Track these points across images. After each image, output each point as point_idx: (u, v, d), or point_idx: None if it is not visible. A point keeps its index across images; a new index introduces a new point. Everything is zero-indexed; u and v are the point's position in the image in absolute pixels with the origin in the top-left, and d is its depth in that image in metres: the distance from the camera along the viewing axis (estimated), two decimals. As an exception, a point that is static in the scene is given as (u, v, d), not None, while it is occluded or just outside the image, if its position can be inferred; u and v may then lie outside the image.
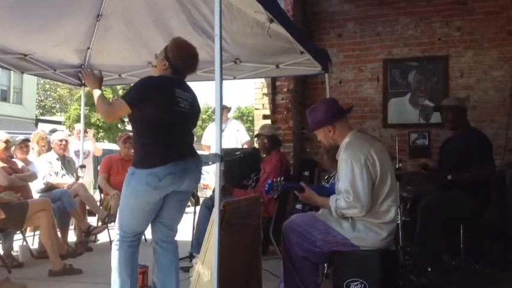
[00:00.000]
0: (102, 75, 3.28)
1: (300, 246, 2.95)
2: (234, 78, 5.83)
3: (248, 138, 6.98)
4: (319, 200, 3.04)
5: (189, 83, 3.22)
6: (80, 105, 18.95)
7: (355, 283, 2.82)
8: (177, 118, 2.97)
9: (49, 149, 6.53)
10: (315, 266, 3.09)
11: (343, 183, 2.84)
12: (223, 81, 2.71)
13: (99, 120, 24.96)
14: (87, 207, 5.73)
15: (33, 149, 6.24)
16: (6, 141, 4.98)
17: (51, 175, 5.58)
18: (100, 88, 3.16)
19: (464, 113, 4.35)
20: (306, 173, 5.57)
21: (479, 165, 4.05)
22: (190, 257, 4.57)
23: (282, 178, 3.12)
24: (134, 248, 3.04)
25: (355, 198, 2.79)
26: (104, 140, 23.64)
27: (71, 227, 5.88)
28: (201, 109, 3.32)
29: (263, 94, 6.52)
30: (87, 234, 5.55)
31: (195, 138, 3.36)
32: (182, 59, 3.08)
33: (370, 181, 2.82)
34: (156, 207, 3.01)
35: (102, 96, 3.10)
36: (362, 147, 2.90)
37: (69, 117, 25.36)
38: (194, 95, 3.14)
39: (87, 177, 6.92)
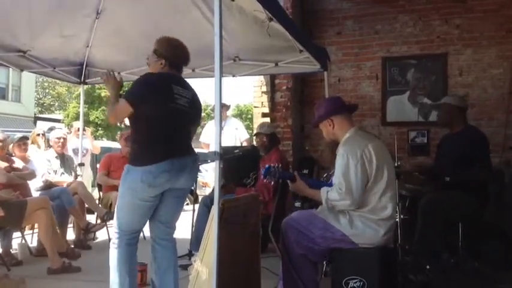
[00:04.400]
0: (122, 81, 3.17)
1: (298, 244, 2.96)
2: (234, 76, 5.84)
3: (247, 136, 6.98)
4: (310, 191, 3.06)
5: (187, 80, 3.22)
6: (78, 103, 18.92)
7: (354, 281, 2.83)
8: (174, 115, 2.96)
9: (49, 146, 6.55)
10: (314, 264, 3.09)
11: (337, 175, 2.88)
12: (222, 79, 2.70)
13: (97, 118, 24.97)
14: (86, 205, 5.73)
15: (39, 146, 6.28)
16: (2, 140, 4.96)
17: (50, 173, 5.58)
18: (117, 93, 3.07)
19: (461, 111, 4.32)
20: (305, 171, 5.56)
21: (478, 166, 4.05)
22: (189, 254, 4.57)
23: (280, 165, 3.13)
24: (133, 246, 3.03)
25: (347, 191, 2.81)
26: (103, 138, 23.63)
27: (70, 225, 5.88)
28: (201, 112, 3.30)
29: (262, 92, 6.52)
30: (86, 232, 5.55)
31: (194, 137, 3.35)
32: (176, 49, 3.11)
33: (364, 176, 2.84)
34: (153, 205, 3.01)
35: (113, 99, 3.04)
36: (360, 143, 2.93)
37: (68, 115, 25.35)
38: (194, 92, 3.14)
39: (85, 175, 6.92)
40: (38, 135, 6.47)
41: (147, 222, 3.15)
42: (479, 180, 4.06)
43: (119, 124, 24.21)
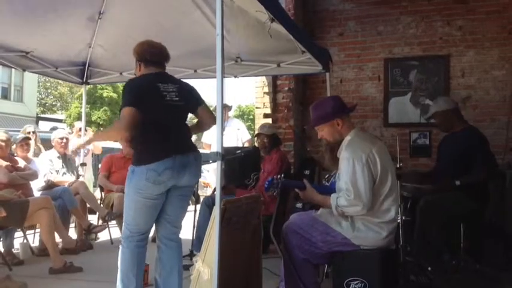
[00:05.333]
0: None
1: (300, 248, 2.95)
2: (235, 76, 5.85)
3: (249, 136, 6.98)
4: (320, 198, 3.02)
5: (189, 81, 3.24)
6: (80, 104, 18.93)
7: (355, 282, 2.82)
8: (168, 112, 3.00)
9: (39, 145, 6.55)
10: (315, 267, 3.10)
11: (344, 181, 2.84)
12: (224, 80, 2.71)
13: (99, 118, 24.98)
14: (88, 205, 5.74)
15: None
16: (5, 140, 4.97)
17: (52, 173, 5.59)
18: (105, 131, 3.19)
19: (453, 111, 4.31)
20: (307, 172, 5.56)
21: (482, 166, 4.04)
22: (191, 255, 4.57)
23: (283, 175, 3.12)
24: (141, 248, 3.06)
25: (356, 197, 2.79)
26: (105, 138, 23.64)
27: (72, 224, 5.89)
28: (194, 98, 3.30)
29: (264, 93, 6.52)
30: (88, 232, 5.56)
31: (195, 137, 3.37)
32: (149, 49, 3.15)
33: (371, 180, 2.82)
34: (159, 203, 3.03)
35: (107, 130, 3.14)
36: (364, 146, 2.90)
37: (70, 115, 25.36)
38: (181, 83, 3.17)
39: (86, 175, 6.93)
40: (29, 133, 6.34)
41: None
42: (484, 181, 4.06)
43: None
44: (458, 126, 4.30)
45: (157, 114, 2.96)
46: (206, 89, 37.97)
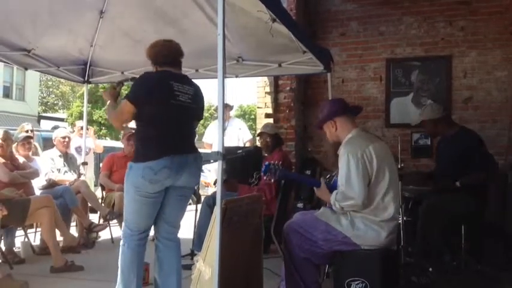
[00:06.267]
0: (117, 90, 3.31)
1: (300, 248, 2.96)
2: (237, 76, 5.84)
3: (250, 136, 6.97)
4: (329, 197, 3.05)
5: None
6: (82, 103, 18.99)
7: (356, 282, 2.82)
8: (176, 111, 3.00)
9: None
10: (316, 266, 3.10)
11: (340, 176, 2.90)
12: (226, 79, 2.71)
13: (101, 117, 25.00)
14: (89, 204, 5.74)
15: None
16: (6, 139, 4.97)
17: (53, 172, 5.59)
18: (114, 100, 3.18)
19: (441, 119, 4.31)
20: (308, 172, 5.55)
21: (481, 167, 4.04)
22: (192, 254, 4.57)
23: (280, 162, 3.13)
24: (141, 247, 3.07)
25: (351, 190, 2.82)
26: (106, 137, 23.68)
27: (73, 223, 5.89)
28: (203, 106, 3.33)
29: (265, 93, 6.53)
30: (89, 231, 5.56)
31: (196, 136, 3.37)
32: (161, 49, 3.14)
33: (366, 175, 2.84)
34: (156, 202, 3.02)
35: (110, 104, 3.16)
36: (361, 143, 2.94)
37: (72, 114, 25.39)
38: (197, 87, 3.17)
39: (88, 174, 6.93)
40: (27, 131, 6.22)
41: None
42: (485, 180, 4.06)
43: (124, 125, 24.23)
44: (450, 131, 4.30)
45: (164, 111, 2.96)
46: (208, 88, 37.98)
